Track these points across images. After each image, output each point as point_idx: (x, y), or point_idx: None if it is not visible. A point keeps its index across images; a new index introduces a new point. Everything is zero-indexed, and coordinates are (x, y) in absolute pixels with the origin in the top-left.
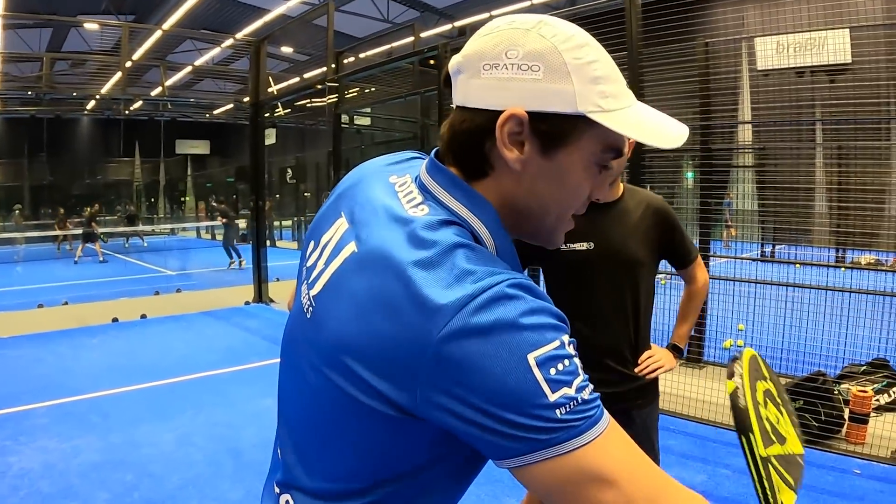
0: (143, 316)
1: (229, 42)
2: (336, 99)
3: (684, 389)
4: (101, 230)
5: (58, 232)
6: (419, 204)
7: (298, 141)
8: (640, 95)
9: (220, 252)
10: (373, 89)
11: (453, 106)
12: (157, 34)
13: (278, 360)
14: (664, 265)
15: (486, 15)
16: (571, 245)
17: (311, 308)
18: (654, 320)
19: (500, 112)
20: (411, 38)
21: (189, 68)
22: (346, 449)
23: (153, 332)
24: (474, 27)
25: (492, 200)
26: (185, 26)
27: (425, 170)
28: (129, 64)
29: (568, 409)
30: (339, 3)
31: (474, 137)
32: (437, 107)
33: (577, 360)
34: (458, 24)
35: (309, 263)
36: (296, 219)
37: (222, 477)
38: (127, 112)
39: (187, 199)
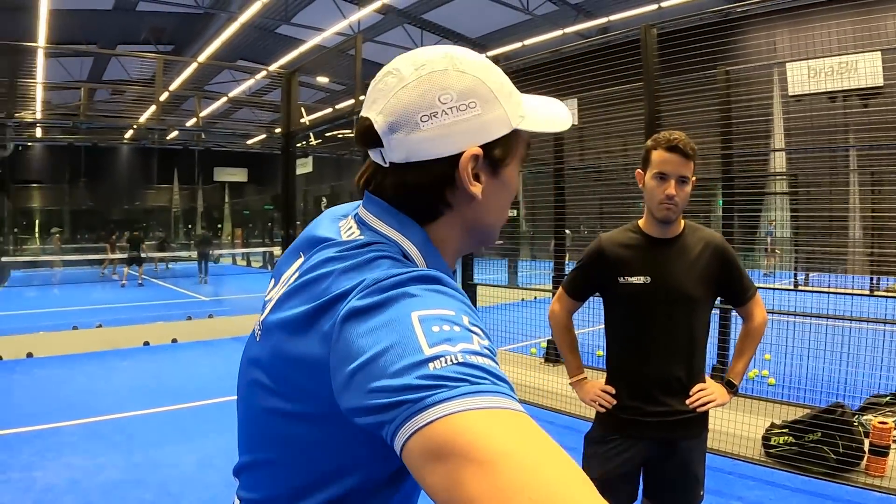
0: (174, 340)
1: (262, 74)
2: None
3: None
4: (144, 255)
5: (100, 256)
6: (354, 232)
7: (335, 170)
8: (657, 125)
9: (253, 278)
10: None
11: (386, 164)
12: (193, 66)
13: None
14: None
15: (518, 44)
16: (629, 278)
17: (259, 332)
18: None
19: (456, 156)
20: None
21: (224, 99)
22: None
23: (182, 356)
24: (507, 56)
25: (452, 233)
26: (223, 57)
27: (362, 206)
28: (164, 96)
29: (443, 364)
30: (373, 34)
31: (434, 188)
32: None
33: (477, 336)
34: (490, 53)
35: (266, 297)
36: None
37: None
38: (164, 140)
39: (224, 225)
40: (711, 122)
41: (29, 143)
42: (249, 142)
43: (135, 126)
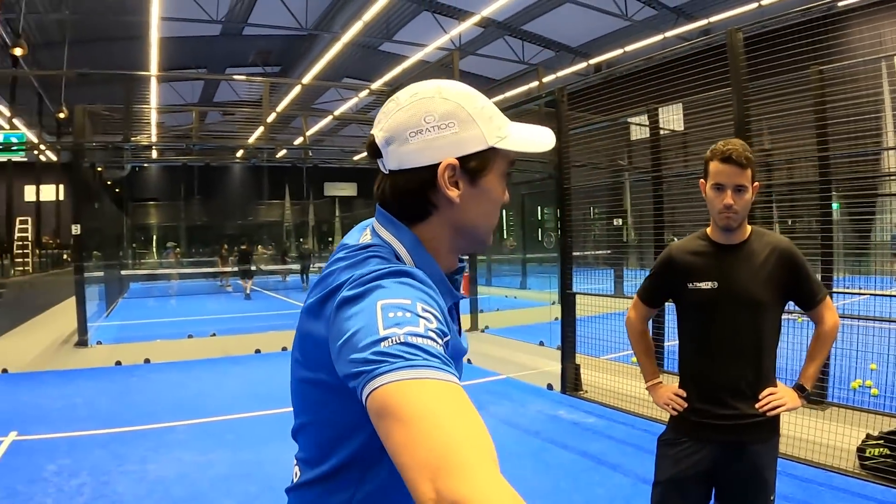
0: (284, 348)
1: (365, 92)
2: None
3: (800, 430)
4: (254, 267)
5: (214, 269)
6: (367, 237)
7: None
8: (747, 130)
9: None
10: None
11: (386, 172)
12: (298, 88)
13: None
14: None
15: (619, 51)
16: (697, 284)
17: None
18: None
19: (437, 165)
20: (550, 77)
21: (329, 118)
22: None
23: (265, 365)
24: (610, 64)
25: (442, 232)
26: (329, 76)
27: (375, 218)
28: (272, 116)
29: (390, 343)
30: (475, 48)
31: (420, 191)
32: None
33: (425, 321)
34: (592, 61)
35: None
36: None
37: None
38: (273, 158)
39: (334, 238)
40: (807, 124)
41: (145, 164)
42: (356, 157)
43: (244, 147)
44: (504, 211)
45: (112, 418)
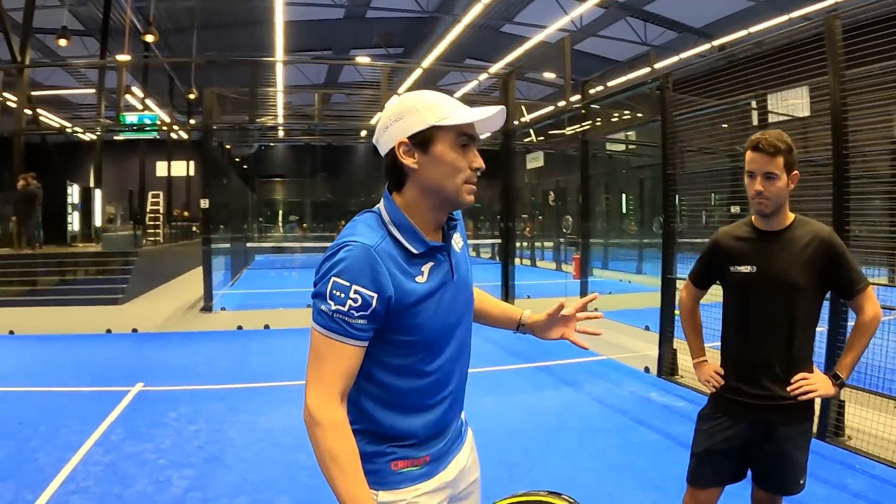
0: None
1: (484, 76)
2: (586, 126)
3: (883, 429)
4: None
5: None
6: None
7: (566, 164)
8: (845, 120)
9: (481, 268)
10: (624, 115)
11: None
12: (419, 70)
13: (508, 367)
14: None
15: (744, 32)
16: (738, 267)
17: None
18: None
19: (396, 146)
20: (673, 59)
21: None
22: None
23: None
24: (734, 44)
25: (416, 194)
26: (451, 57)
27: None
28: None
29: (324, 309)
30: (596, 29)
31: (392, 165)
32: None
33: (347, 295)
34: (716, 42)
35: None
36: (559, 240)
37: None
38: None
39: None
40: None
41: (270, 144)
42: (483, 136)
43: (366, 127)
44: (623, 195)
45: (230, 375)
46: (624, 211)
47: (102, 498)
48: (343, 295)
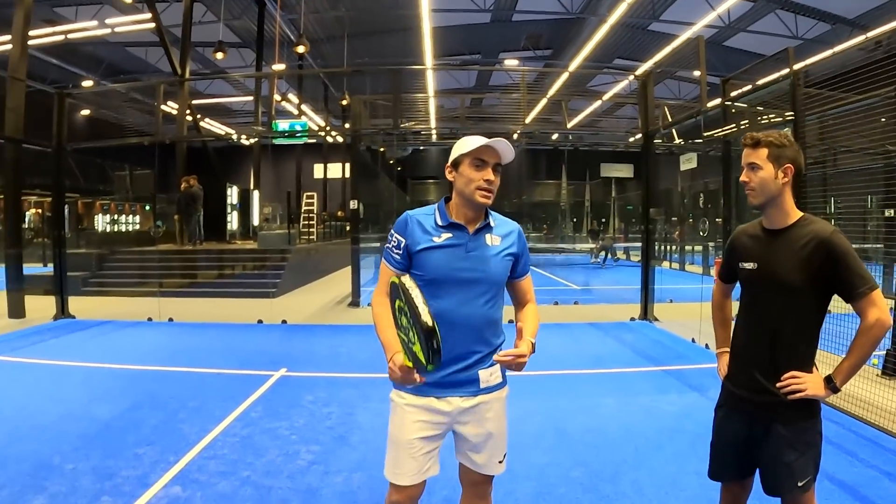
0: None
1: (625, 83)
2: (728, 128)
3: None
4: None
5: None
6: None
7: (719, 165)
8: None
9: (624, 272)
10: (769, 115)
11: None
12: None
13: (636, 369)
14: None
15: None
16: (744, 263)
17: None
18: None
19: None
20: (826, 53)
21: (598, 102)
22: None
23: (539, 334)
24: (891, 35)
25: (455, 194)
26: (598, 58)
27: None
28: (542, 102)
29: (386, 247)
30: (745, 24)
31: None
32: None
33: (392, 237)
34: (871, 34)
35: None
36: (707, 244)
37: (540, 446)
38: (547, 141)
39: (608, 220)
40: None
41: (420, 147)
42: (631, 140)
43: (514, 130)
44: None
45: (367, 366)
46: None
47: (235, 464)
48: (391, 237)
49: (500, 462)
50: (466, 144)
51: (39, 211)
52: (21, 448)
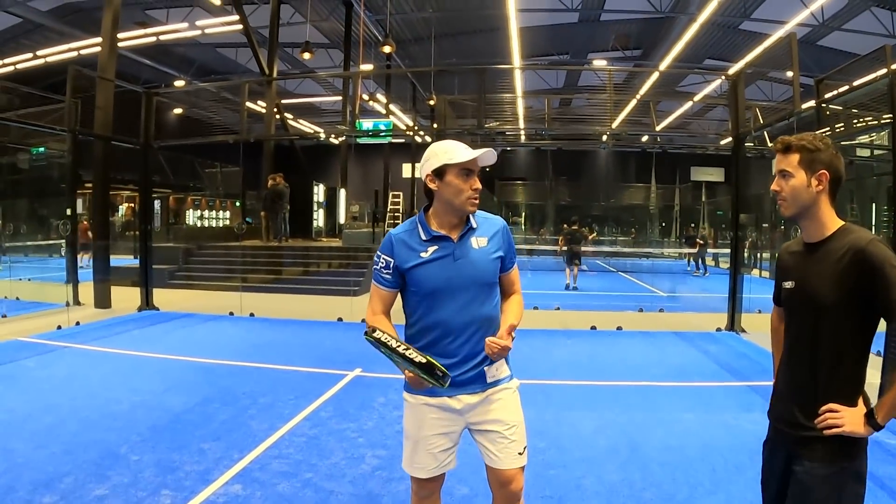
0: (619, 328)
1: (716, 84)
2: (824, 130)
3: None
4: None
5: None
6: None
7: None
8: None
9: (714, 280)
10: (866, 117)
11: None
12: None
13: (720, 383)
14: None
15: None
16: (784, 283)
17: None
18: None
19: (427, 175)
20: None
21: (689, 104)
22: None
23: (620, 342)
24: None
25: (438, 204)
26: (689, 57)
27: None
28: (632, 103)
29: (374, 269)
30: (840, 23)
31: (425, 187)
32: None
33: (379, 259)
34: None
35: None
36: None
37: (613, 462)
38: (637, 142)
39: (702, 224)
40: None
41: (508, 148)
42: (723, 142)
43: (600, 132)
44: (874, 204)
45: None
46: (874, 221)
47: (299, 465)
48: (378, 259)
49: (521, 454)
50: (449, 154)
51: (132, 205)
52: (91, 436)
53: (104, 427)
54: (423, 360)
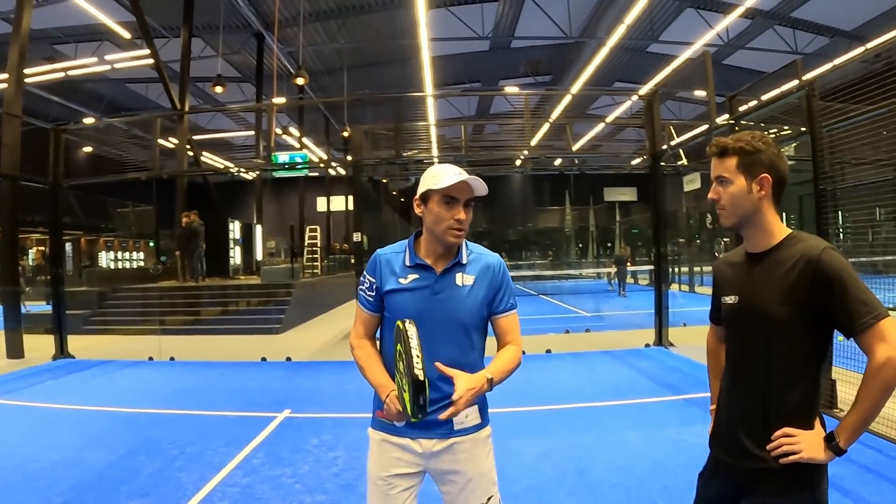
0: (548, 350)
1: (634, 98)
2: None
3: None
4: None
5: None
6: None
7: None
8: None
9: (635, 297)
10: (783, 129)
11: None
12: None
13: (657, 398)
14: None
15: None
16: (725, 298)
17: None
18: None
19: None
20: (827, 66)
21: (601, 125)
22: None
23: (551, 365)
24: (889, 47)
25: (425, 231)
26: (599, 81)
27: None
28: (545, 127)
29: (359, 289)
30: (745, 41)
31: (414, 211)
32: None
33: (365, 279)
34: (870, 44)
35: None
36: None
37: (562, 489)
38: (549, 166)
39: (614, 244)
40: None
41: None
42: (634, 162)
43: (514, 157)
44: (784, 214)
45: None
46: None
47: None
48: (363, 279)
49: None
50: (435, 179)
51: (42, 249)
52: (10, 498)
53: (24, 487)
54: (422, 379)
